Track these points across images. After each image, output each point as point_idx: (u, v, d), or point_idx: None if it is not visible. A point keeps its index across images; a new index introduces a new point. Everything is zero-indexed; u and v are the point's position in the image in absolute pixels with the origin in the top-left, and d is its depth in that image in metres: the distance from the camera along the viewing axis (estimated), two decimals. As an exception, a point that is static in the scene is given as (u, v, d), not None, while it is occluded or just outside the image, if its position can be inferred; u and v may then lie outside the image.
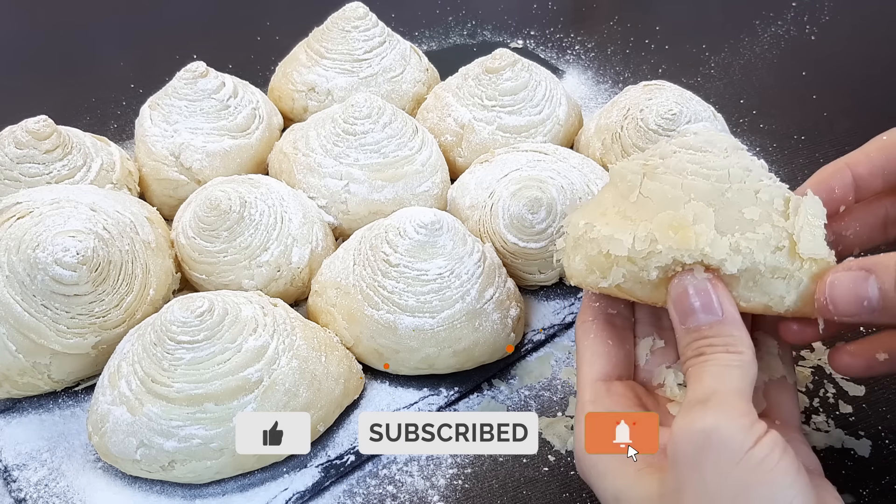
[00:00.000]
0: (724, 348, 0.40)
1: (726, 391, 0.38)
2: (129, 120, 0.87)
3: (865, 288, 0.39)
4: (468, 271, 0.59)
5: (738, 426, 0.37)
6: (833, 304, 0.40)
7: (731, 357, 0.39)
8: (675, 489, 0.38)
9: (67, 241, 0.57)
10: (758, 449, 0.36)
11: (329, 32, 0.83)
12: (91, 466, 0.56)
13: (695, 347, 0.40)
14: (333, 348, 0.59)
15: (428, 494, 0.55)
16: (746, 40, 1.08)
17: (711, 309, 0.40)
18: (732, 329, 0.40)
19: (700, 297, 0.41)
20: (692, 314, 0.41)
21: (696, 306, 0.41)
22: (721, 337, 0.40)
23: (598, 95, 0.97)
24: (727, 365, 0.39)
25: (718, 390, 0.38)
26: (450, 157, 0.78)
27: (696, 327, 0.41)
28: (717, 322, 0.40)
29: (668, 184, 0.44)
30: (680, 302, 0.41)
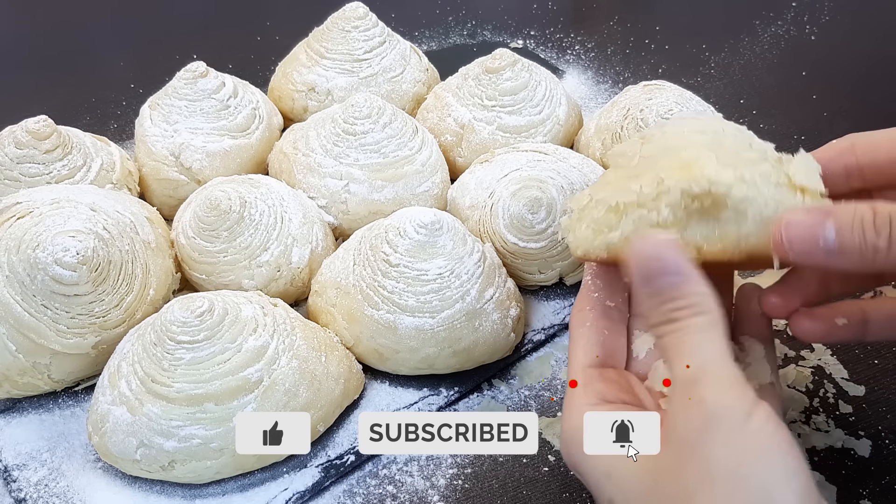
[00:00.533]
0: (694, 310, 0.39)
1: (713, 362, 0.38)
2: (129, 120, 0.87)
3: (823, 229, 0.39)
4: (468, 271, 0.59)
5: (734, 396, 0.37)
6: (789, 241, 0.39)
7: (704, 320, 0.39)
8: (672, 468, 0.37)
9: (67, 241, 0.57)
10: (755, 418, 0.36)
11: (329, 32, 0.83)
12: (91, 466, 0.56)
13: (663, 312, 0.40)
14: (333, 348, 0.59)
15: (428, 494, 0.55)
16: (746, 40, 1.08)
17: (677, 269, 0.40)
18: (697, 286, 0.39)
19: (663, 258, 0.40)
20: (655, 276, 0.40)
21: (659, 267, 0.40)
22: (688, 298, 0.39)
23: (598, 95, 0.97)
24: (704, 331, 0.39)
25: (705, 363, 0.38)
26: (450, 157, 0.78)
27: (658, 289, 0.40)
28: (683, 282, 0.39)
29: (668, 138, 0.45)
30: (642, 264, 0.40)
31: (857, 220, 0.39)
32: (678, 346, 0.39)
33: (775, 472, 0.35)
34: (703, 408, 0.37)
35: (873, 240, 0.38)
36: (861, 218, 0.39)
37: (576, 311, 0.48)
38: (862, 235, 0.39)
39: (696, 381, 0.37)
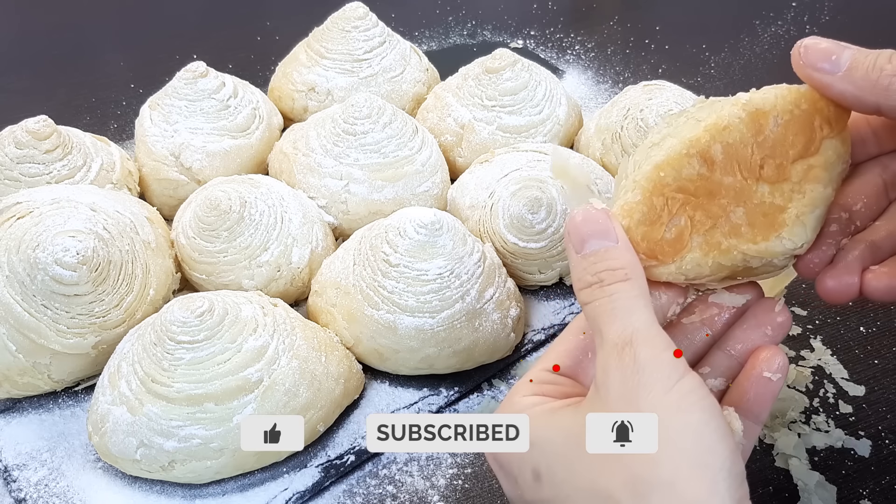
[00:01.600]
0: (624, 273, 0.39)
1: (644, 326, 0.38)
2: (129, 120, 0.87)
3: (839, 49, 0.40)
4: (468, 271, 0.59)
5: (667, 361, 0.37)
6: (804, 48, 0.41)
7: (631, 285, 0.39)
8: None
9: (67, 241, 0.57)
10: (686, 381, 0.37)
11: (329, 32, 0.83)
12: (91, 466, 0.56)
13: (592, 272, 0.40)
14: (333, 348, 0.59)
15: (428, 494, 0.55)
16: (746, 40, 1.08)
17: (608, 235, 0.40)
18: (627, 253, 0.40)
19: (596, 225, 0.40)
20: (588, 239, 0.40)
21: (591, 231, 0.40)
22: (618, 261, 0.40)
23: (598, 95, 0.97)
24: (633, 296, 0.39)
25: (637, 328, 0.38)
26: (450, 157, 0.78)
27: (592, 252, 0.40)
28: (613, 247, 0.40)
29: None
30: (576, 231, 0.41)
31: (873, 53, 0.39)
32: (610, 312, 0.39)
33: (710, 423, 0.36)
34: (637, 366, 0.37)
35: (884, 63, 0.39)
36: (877, 52, 0.39)
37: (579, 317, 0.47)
38: (874, 60, 0.39)
39: (630, 342, 0.38)
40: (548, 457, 0.39)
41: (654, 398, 0.36)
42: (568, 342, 0.45)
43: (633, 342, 0.38)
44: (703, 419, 0.36)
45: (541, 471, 0.39)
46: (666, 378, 0.36)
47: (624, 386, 0.37)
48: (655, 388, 0.36)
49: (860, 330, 0.66)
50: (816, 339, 0.65)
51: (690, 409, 0.36)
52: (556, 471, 0.39)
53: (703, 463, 0.35)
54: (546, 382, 0.44)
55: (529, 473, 0.40)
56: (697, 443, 0.35)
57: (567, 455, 0.38)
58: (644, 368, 0.37)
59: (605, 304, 0.39)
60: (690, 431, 0.36)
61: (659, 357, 0.37)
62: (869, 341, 0.65)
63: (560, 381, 0.44)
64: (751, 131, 0.41)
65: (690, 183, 0.41)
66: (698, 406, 0.36)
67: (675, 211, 0.41)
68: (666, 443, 0.35)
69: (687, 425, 0.36)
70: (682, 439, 0.35)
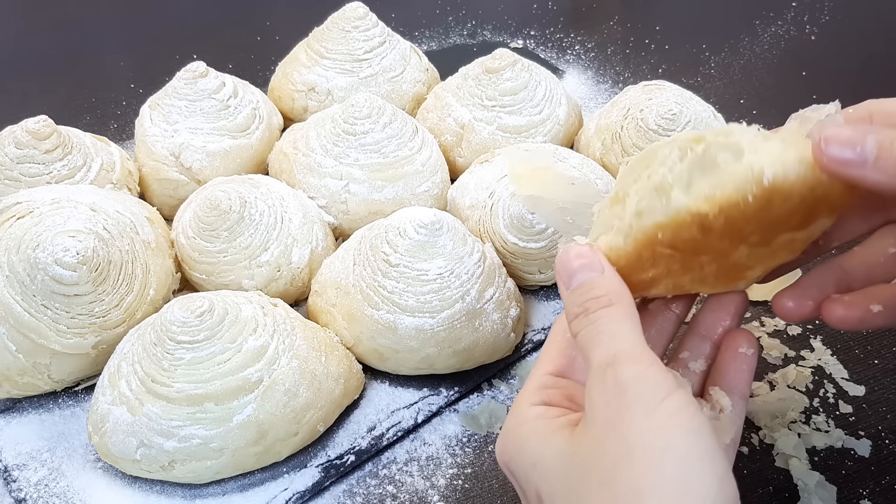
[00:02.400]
0: (608, 299, 0.40)
1: (627, 347, 0.38)
2: (129, 120, 0.87)
3: (864, 138, 0.38)
4: (468, 271, 0.59)
5: (651, 377, 0.37)
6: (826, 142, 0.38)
7: (616, 311, 0.40)
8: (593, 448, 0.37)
9: (67, 241, 0.57)
10: (674, 398, 0.36)
11: (329, 32, 0.83)
12: (91, 466, 0.56)
13: (579, 303, 0.41)
14: (333, 348, 0.59)
15: (428, 494, 0.55)
16: (746, 40, 1.08)
17: (592, 266, 0.41)
18: (613, 281, 0.41)
19: (581, 259, 0.42)
20: (575, 273, 0.42)
21: (579, 266, 0.42)
22: (602, 289, 0.40)
23: (598, 95, 0.97)
24: (617, 321, 0.39)
25: (620, 349, 0.38)
26: (450, 157, 0.78)
27: (579, 285, 0.41)
28: (598, 277, 0.41)
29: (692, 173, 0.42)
30: (564, 268, 0.42)
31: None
32: (595, 337, 0.39)
33: (696, 448, 0.35)
34: (620, 387, 0.37)
35: None
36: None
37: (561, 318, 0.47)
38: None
39: (613, 363, 0.37)
40: (546, 481, 0.39)
41: (637, 421, 0.35)
42: (558, 343, 0.46)
43: (616, 362, 0.37)
44: (687, 444, 0.35)
45: (542, 495, 0.39)
46: (650, 397, 0.36)
47: (608, 409, 0.37)
48: (638, 410, 0.36)
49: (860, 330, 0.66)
50: (816, 339, 0.65)
51: (675, 432, 0.35)
52: (553, 497, 0.38)
53: (687, 492, 0.34)
54: (548, 387, 0.44)
55: (534, 493, 0.40)
56: (681, 471, 0.34)
57: (561, 482, 0.38)
58: (627, 388, 0.36)
59: (590, 331, 0.40)
60: (674, 458, 0.35)
61: (643, 374, 0.37)
62: (869, 341, 0.65)
63: (560, 383, 0.45)
64: (759, 206, 0.40)
65: (682, 243, 0.41)
66: (683, 429, 0.35)
67: (658, 262, 0.42)
68: (650, 470, 0.35)
69: (670, 452, 0.35)
70: (666, 467, 0.35)
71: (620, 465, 0.35)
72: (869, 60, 1.04)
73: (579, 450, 0.38)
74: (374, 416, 0.60)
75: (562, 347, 0.46)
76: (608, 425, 0.36)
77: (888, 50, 1.06)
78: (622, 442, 0.36)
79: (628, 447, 0.35)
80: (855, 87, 0.98)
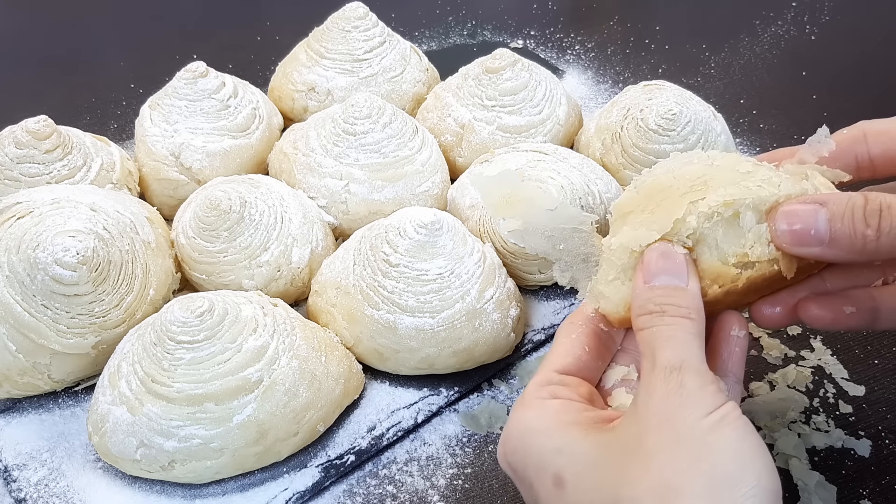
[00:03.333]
0: (686, 313, 0.40)
1: (695, 360, 0.39)
2: (129, 120, 0.87)
3: (815, 219, 0.40)
4: (468, 271, 0.59)
5: (710, 392, 0.38)
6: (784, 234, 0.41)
7: (692, 324, 0.40)
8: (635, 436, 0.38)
9: (67, 241, 0.57)
10: (723, 408, 0.37)
11: (329, 32, 0.83)
12: (91, 466, 0.56)
13: (656, 302, 0.40)
14: (333, 348, 0.59)
15: (428, 494, 0.55)
16: (746, 40, 1.08)
17: (679, 275, 0.41)
18: (694, 300, 0.41)
19: (673, 264, 0.41)
20: (659, 274, 0.41)
21: (663, 267, 0.41)
22: (685, 300, 0.40)
23: (598, 95, 0.97)
24: (691, 333, 0.40)
25: (689, 359, 0.39)
26: (450, 157, 0.78)
27: (660, 286, 0.41)
28: (681, 289, 0.41)
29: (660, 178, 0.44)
30: (650, 264, 0.42)
31: (849, 210, 0.39)
32: (667, 338, 0.40)
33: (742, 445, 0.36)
34: (683, 390, 0.37)
35: (862, 229, 0.39)
36: (852, 207, 0.39)
37: (567, 321, 0.48)
38: (852, 225, 0.39)
39: (679, 368, 0.38)
40: (577, 465, 0.39)
41: (692, 419, 0.37)
42: (563, 344, 0.46)
43: (683, 369, 0.38)
44: (738, 436, 0.36)
45: (565, 477, 0.39)
46: (707, 405, 0.37)
47: (665, 405, 0.37)
48: (695, 412, 0.37)
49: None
50: (816, 339, 0.65)
51: (726, 427, 0.36)
52: (582, 479, 0.39)
53: (737, 479, 0.35)
54: (554, 383, 0.44)
55: (550, 479, 0.40)
56: (732, 459, 0.36)
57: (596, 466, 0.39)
58: (689, 393, 0.37)
59: (663, 331, 0.40)
60: (724, 448, 0.36)
61: (704, 387, 0.38)
62: (869, 341, 0.65)
63: (567, 380, 0.45)
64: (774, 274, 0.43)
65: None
66: (733, 426, 0.37)
67: None
68: (699, 459, 0.36)
69: (722, 441, 0.36)
70: (716, 455, 0.36)
71: (662, 451, 0.36)
72: (869, 60, 1.04)
73: (618, 437, 0.39)
74: (374, 416, 0.60)
75: (568, 348, 0.46)
76: (661, 418, 0.37)
77: (888, 50, 1.06)
78: (669, 431, 0.37)
79: (675, 436, 0.36)
80: (855, 87, 0.98)
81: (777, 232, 0.41)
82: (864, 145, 0.46)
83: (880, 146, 0.46)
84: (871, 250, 0.39)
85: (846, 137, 0.47)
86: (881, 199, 0.39)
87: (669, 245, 0.42)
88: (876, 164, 0.46)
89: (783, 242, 0.41)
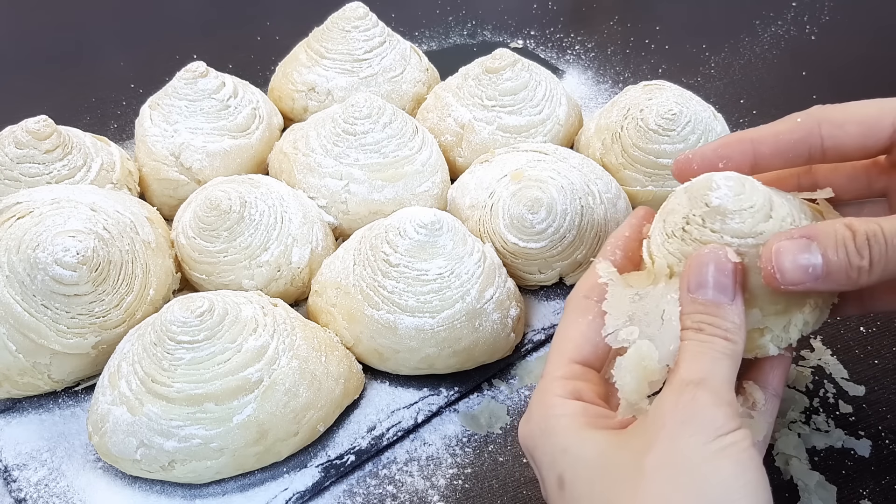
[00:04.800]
0: (724, 334, 0.40)
1: (718, 379, 0.38)
2: (129, 120, 0.87)
3: (808, 255, 0.39)
4: (468, 271, 0.59)
5: (723, 413, 0.37)
6: (780, 272, 0.40)
7: (727, 345, 0.39)
8: (636, 447, 0.38)
9: (67, 241, 0.57)
10: (731, 435, 0.37)
11: (329, 32, 0.83)
12: (91, 466, 0.56)
13: (696, 320, 0.40)
14: (333, 348, 0.59)
15: (428, 494, 0.55)
16: (746, 40, 1.08)
17: (726, 290, 0.40)
18: (735, 317, 0.40)
19: (719, 275, 0.40)
20: (704, 287, 0.40)
21: (711, 281, 0.40)
22: (724, 321, 0.40)
23: (598, 95, 0.97)
24: (723, 353, 0.39)
25: (711, 377, 0.38)
26: (450, 157, 0.78)
27: (703, 301, 0.40)
28: (726, 305, 0.40)
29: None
30: (698, 271, 0.41)
31: (840, 243, 0.39)
32: (695, 353, 0.39)
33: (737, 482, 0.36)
34: (694, 405, 0.37)
35: (857, 261, 0.39)
36: (843, 240, 0.39)
37: (579, 294, 0.46)
38: (846, 258, 0.39)
39: (698, 384, 0.38)
40: (576, 468, 0.39)
41: (695, 442, 0.36)
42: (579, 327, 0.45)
43: (700, 385, 0.38)
44: (735, 472, 0.36)
45: (565, 479, 0.39)
46: (716, 428, 0.37)
47: (672, 418, 0.37)
48: (700, 434, 0.36)
49: (860, 330, 0.66)
50: (816, 339, 0.65)
51: (725, 459, 0.36)
52: (578, 484, 0.39)
53: None
54: (578, 378, 0.43)
55: (555, 478, 0.40)
56: (723, 494, 0.35)
57: (593, 473, 0.38)
58: (699, 410, 0.37)
59: (694, 346, 0.40)
60: (719, 482, 0.35)
61: (717, 407, 0.37)
62: (869, 341, 0.65)
63: (590, 376, 0.44)
64: None
65: None
66: (734, 458, 0.36)
67: None
68: (691, 489, 0.35)
69: (719, 474, 0.36)
70: (709, 488, 0.35)
71: (657, 472, 0.36)
72: (869, 60, 1.04)
73: (621, 445, 0.38)
74: (374, 416, 0.60)
75: (585, 333, 0.44)
76: (664, 429, 0.37)
77: (888, 50, 1.06)
78: (668, 450, 0.36)
79: (672, 457, 0.36)
80: (855, 87, 0.98)
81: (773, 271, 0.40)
82: (819, 138, 0.45)
83: (833, 140, 0.45)
84: (863, 281, 0.39)
85: (800, 127, 0.46)
86: (866, 229, 0.39)
87: (723, 252, 0.41)
88: (827, 156, 0.46)
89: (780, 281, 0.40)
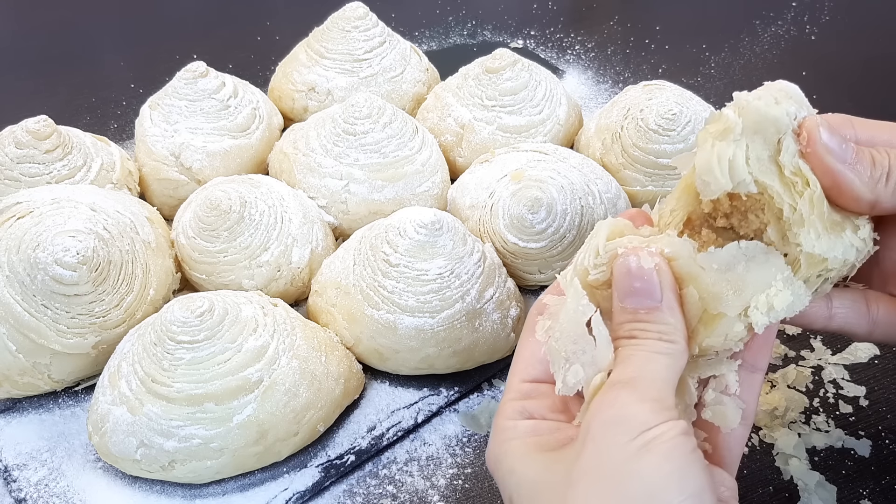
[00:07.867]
0: (658, 335, 0.39)
1: (649, 377, 0.38)
2: (129, 120, 0.87)
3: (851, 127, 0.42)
4: (468, 271, 0.59)
5: (647, 408, 0.36)
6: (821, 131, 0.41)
7: (662, 345, 0.39)
8: (569, 459, 0.37)
9: (67, 241, 0.57)
10: (655, 429, 0.36)
11: (329, 32, 0.83)
12: (91, 466, 0.56)
13: (628, 329, 0.40)
14: (333, 348, 0.59)
15: (428, 494, 0.55)
16: (746, 40, 1.08)
17: (651, 294, 0.39)
18: (668, 317, 0.39)
19: (642, 281, 0.40)
20: (631, 295, 0.40)
21: (636, 288, 0.40)
22: (656, 324, 0.39)
23: (598, 95, 0.97)
24: (657, 352, 0.39)
25: (642, 376, 0.38)
26: (450, 157, 0.78)
27: (633, 309, 0.40)
28: (655, 308, 0.39)
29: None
30: (622, 280, 0.40)
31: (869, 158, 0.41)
32: (626, 357, 0.39)
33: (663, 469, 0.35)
34: (616, 405, 0.37)
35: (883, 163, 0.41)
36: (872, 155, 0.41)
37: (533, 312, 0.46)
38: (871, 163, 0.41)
39: (624, 384, 0.37)
40: (520, 490, 0.39)
41: (619, 442, 0.35)
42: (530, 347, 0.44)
43: (626, 384, 0.37)
44: (658, 464, 0.35)
45: (513, 500, 0.39)
46: (639, 424, 0.36)
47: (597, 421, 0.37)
48: (623, 434, 0.35)
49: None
50: (816, 339, 0.65)
51: (649, 453, 0.35)
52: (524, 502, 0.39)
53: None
54: (529, 397, 0.43)
55: (507, 500, 0.40)
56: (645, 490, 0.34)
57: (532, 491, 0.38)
58: (621, 409, 0.36)
59: (625, 351, 0.39)
60: (640, 478, 0.35)
61: (639, 402, 0.36)
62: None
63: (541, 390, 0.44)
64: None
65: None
66: (658, 451, 0.35)
67: None
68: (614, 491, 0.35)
69: (644, 469, 0.35)
70: (636, 485, 0.35)
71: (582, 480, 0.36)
72: (869, 60, 1.04)
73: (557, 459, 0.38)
74: (374, 416, 0.60)
75: (534, 352, 0.44)
76: (592, 437, 0.36)
77: (888, 50, 1.06)
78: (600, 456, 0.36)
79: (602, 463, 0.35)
80: (855, 87, 0.98)
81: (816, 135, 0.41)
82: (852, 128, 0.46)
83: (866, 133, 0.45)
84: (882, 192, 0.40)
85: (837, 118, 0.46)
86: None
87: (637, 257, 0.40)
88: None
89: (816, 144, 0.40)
